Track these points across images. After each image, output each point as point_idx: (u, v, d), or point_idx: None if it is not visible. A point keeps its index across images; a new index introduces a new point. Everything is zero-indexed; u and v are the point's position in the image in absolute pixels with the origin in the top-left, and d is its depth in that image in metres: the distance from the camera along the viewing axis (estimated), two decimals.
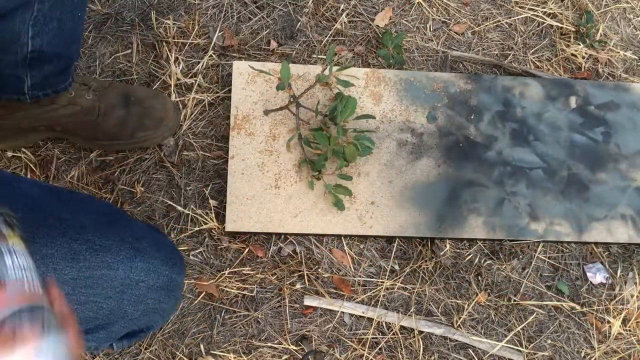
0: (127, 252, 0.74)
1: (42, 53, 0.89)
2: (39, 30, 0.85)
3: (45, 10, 0.83)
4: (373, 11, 1.30)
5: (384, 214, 1.11)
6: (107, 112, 1.07)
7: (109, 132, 1.08)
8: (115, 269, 0.73)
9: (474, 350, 1.11)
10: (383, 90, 1.18)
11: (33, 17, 0.83)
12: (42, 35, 0.86)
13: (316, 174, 1.09)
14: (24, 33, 0.84)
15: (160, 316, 0.84)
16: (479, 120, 1.19)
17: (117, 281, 0.73)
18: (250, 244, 1.11)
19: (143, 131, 1.09)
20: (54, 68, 0.95)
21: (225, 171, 1.12)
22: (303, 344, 1.08)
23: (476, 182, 1.15)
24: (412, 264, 1.13)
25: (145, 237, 0.79)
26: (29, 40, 0.86)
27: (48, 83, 0.97)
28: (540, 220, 1.15)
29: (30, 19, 0.83)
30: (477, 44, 1.30)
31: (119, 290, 0.74)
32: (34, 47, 0.87)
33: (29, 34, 0.85)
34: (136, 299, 0.76)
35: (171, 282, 0.79)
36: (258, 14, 1.26)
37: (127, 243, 0.75)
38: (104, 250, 0.72)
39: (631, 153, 1.22)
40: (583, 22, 1.33)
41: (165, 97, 1.13)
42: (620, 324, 1.15)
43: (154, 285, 0.77)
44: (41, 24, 0.85)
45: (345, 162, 1.08)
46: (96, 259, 0.71)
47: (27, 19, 0.83)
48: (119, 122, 1.08)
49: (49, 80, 0.97)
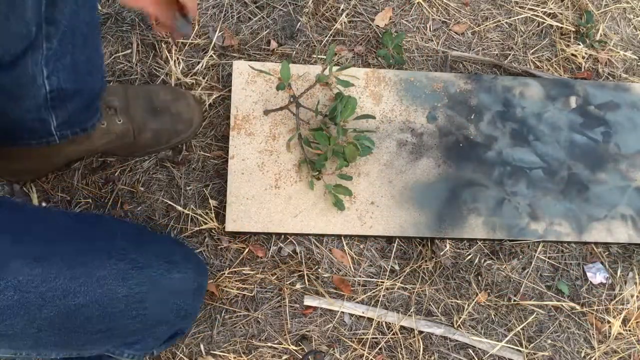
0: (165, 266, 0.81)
1: (62, 91, 0.87)
2: (53, 69, 0.83)
3: (54, 47, 0.81)
4: (373, 11, 1.30)
5: (384, 214, 1.11)
6: (140, 129, 1.08)
7: (145, 145, 1.10)
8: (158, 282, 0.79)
9: (474, 350, 1.11)
10: (383, 90, 1.18)
11: (44, 57, 0.81)
12: (57, 73, 0.84)
13: (316, 174, 1.09)
14: (38, 74, 0.83)
15: (191, 319, 0.95)
16: (479, 120, 1.19)
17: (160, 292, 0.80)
18: (250, 244, 1.11)
19: (177, 136, 1.12)
20: (78, 104, 0.94)
21: (225, 171, 1.12)
22: (303, 344, 1.08)
23: (476, 182, 1.15)
24: (412, 264, 1.13)
25: (175, 251, 0.87)
26: (45, 81, 0.84)
27: (75, 121, 0.97)
28: (540, 220, 1.15)
29: (41, 59, 0.81)
30: (477, 44, 1.30)
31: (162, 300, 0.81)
32: (51, 87, 0.85)
33: (43, 74, 0.83)
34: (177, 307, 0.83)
35: (200, 287, 0.89)
36: (258, 14, 1.26)
37: (163, 258, 0.82)
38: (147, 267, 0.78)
39: (631, 153, 1.22)
40: (583, 22, 1.33)
41: (187, 96, 1.13)
42: (620, 324, 1.15)
43: (188, 292, 0.85)
44: (54, 61, 0.83)
45: (345, 162, 1.08)
46: (141, 276, 0.77)
47: (38, 59, 0.81)
48: (153, 134, 1.09)
49: (76, 118, 0.96)
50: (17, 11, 0.73)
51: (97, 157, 1.13)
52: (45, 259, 0.69)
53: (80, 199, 1.10)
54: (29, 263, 0.68)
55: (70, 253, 0.73)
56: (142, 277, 0.77)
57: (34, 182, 1.10)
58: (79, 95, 0.92)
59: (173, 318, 0.84)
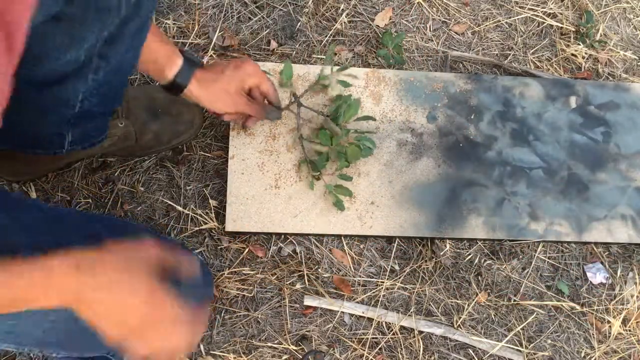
0: None
1: (89, 112, 0.89)
2: (89, 95, 0.86)
3: (99, 79, 0.84)
4: (373, 11, 1.30)
5: (384, 214, 1.11)
6: (142, 131, 1.08)
7: (146, 146, 1.10)
8: None
9: (474, 350, 1.11)
10: (383, 90, 1.18)
11: (87, 85, 0.84)
12: (91, 98, 0.87)
13: (316, 174, 1.09)
14: (75, 97, 0.85)
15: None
16: (479, 120, 1.19)
17: None
18: (250, 244, 1.11)
19: (178, 137, 1.12)
20: (95, 125, 0.97)
21: (225, 171, 1.12)
22: (303, 344, 1.08)
23: (476, 182, 1.15)
24: (412, 264, 1.13)
25: None
26: (78, 103, 0.86)
27: (87, 137, 0.99)
28: (540, 220, 1.15)
29: (83, 88, 0.84)
30: (477, 44, 1.30)
31: None
32: (82, 109, 0.88)
33: (79, 98, 0.85)
34: None
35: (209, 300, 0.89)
36: (258, 14, 1.26)
37: None
38: None
39: (631, 153, 1.22)
40: (583, 22, 1.33)
41: None
42: (620, 324, 1.15)
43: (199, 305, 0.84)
44: (92, 89, 0.85)
45: (346, 163, 1.08)
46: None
47: (79, 87, 0.83)
48: (154, 136, 1.10)
49: (88, 135, 0.99)
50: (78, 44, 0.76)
51: (97, 157, 1.13)
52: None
53: (80, 199, 1.10)
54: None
55: None
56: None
57: (33, 182, 1.10)
58: (100, 117, 0.96)
59: None
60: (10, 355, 1.01)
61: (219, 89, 0.97)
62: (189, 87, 0.94)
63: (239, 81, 0.98)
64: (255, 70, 1.00)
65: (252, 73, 0.99)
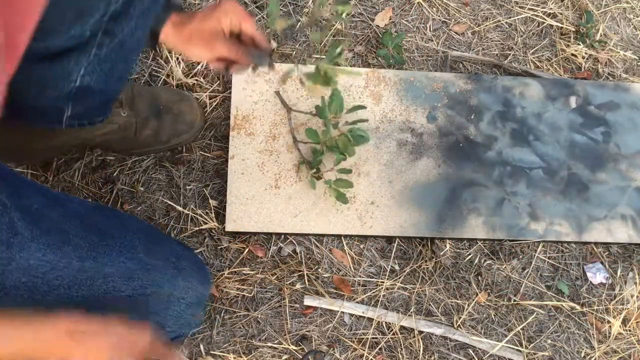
0: (171, 272, 0.80)
1: (89, 89, 0.88)
2: (91, 70, 0.84)
3: (102, 54, 0.82)
4: (373, 11, 1.30)
5: (384, 214, 1.11)
6: (142, 124, 1.08)
7: (144, 142, 1.10)
8: (162, 287, 0.78)
9: (474, 350, 1.11)
10: (383, 90, 1.18)
11: (88, 60, 0.82)
12: (92, 74, 0.85)
13: (315, 172, 1.09)
14: (75, 72, 0.83)
15: (190, 327, 0.92)
16: (479, 120, 1.19)
17: (164, 298, 0.79)
18: (250, 244, 1.11)
19: (177, 136, 1.11)
20: (96, 102, 0.95)
21: (225, 171, 1.12)
22: (303, 344, 1.08)
23: (476, 182, 1.15)
24: (412, 264, 1.13)
25: (184, 257, 0.85)
26: (79, 78, 0.84)
27: (86, 114, 0.97)
28: (540, 220, 1.15)
29: (84, 61, 0.82)
30: (477, 44, 1.30)
31: (164, 307, 0.80)
32: (81, 84, 0.86)
33: (80, 73, 0.83)
34: (177, 314, 0.82)
35: (203, 298, 0.87)
36: (258, 14, 1.26)
37: (171, 262, 0.81)
38: (154, 270, 0.78)
39: (631, 153, 1.22)
40: (583, 22, 1.33)
41: (190, 98, 1.13)
42: (620, 324, 1.15)
43: (191, 303, 0.83)
44: (94, 64, 0.83)
45: (342, 156, 1.08)
46: (148, 278, 0.77)
47: (82, 61, 0.81)
48: (153, 132, 1.09)
49: (88, 112, 0.97)
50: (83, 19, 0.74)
51: (97, 155, 1.13)
52: (58, 248, 0.70)
53: None
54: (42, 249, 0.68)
55: (82, 245, 0.72)
56: (147, 280, 0.76)
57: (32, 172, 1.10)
58: (100, 94, 0.93)
59: (172, 325, 0.84)
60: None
61: (192, 30, 0.85)
62: (164, 30, 0.85)
63: (214, 20, 0.84)
64: (234, 7, 0.85)
65: (229, 10, 0.85)
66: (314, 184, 1.09)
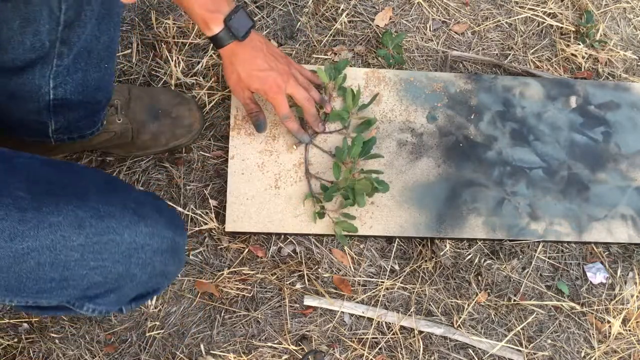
0: (131, 218, 0.75)
1: (66, 100, 0.89)
2: (61, 81, 0.86)
3: (66, 64, 0.84)
4: (373, 11, 1.30)
5: (384, 214, 1.11)
6: (140, 130, 1.08)
7: (143, 146, 1.10)
8: (121, 234, 0.74)
9: (474, 350, 1.11)
10: (383, 90, 1.18)
11: (53, 72, 0.84)
12: (65, 85, 0.87)
13: (319, 209, 1.08)
14: (44, 85, 0.86)
15: (166, 278, 0.87)
16: (479, 120, 1.19)
17: (124, 245, 0.75)
18: (250, 244, 1.11)
19: (176, 139, 1.11)
20: (80, 114, 0.96)
21: (225, 171, 1.12)
22: (303, 344, 1.08)
23: (476, 182, 1.15)
24: (412, 264, 1.13)
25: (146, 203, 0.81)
26: (51, 90, 0.87)
27: (73, 128, 0.98)
28: (540, 220, 1.15)
29: (50, 74, 0.84)
30: (477, 43, 1.30)
31: (126, 254, 0.75)
32: (56, 96, 0.88)
33: (50, 85, 0.86)
34: (143, 262, 0.78)
35: (175, 245, 0.82)
36: (258, 14, 1.26)
37: (130, 209, 0.76)
38: (109, 217, 0.73)
39: (631, 153, 1.22)
40: (583, 22, 1.33)
41: (189, 101, 1.13)
42: (620, 324, 1.15)
43: (159, 249, 0.78)
44: (63, 75, 0.85)
45: (350, 202, 1.06)
46: (102, 225, 0.73)
47: (46, 73, 0.84)
48: (152, 136, 1.09)
49: (75, 125, 0.98)
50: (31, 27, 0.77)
51: (96, 156, 1.13)
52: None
53: None
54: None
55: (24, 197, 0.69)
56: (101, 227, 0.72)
57: None
58: (82, 106, 0.94)
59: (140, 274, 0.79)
60: None
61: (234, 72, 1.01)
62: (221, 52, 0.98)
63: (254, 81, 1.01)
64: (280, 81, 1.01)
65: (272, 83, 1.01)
66: (315, 219, 1.09)
